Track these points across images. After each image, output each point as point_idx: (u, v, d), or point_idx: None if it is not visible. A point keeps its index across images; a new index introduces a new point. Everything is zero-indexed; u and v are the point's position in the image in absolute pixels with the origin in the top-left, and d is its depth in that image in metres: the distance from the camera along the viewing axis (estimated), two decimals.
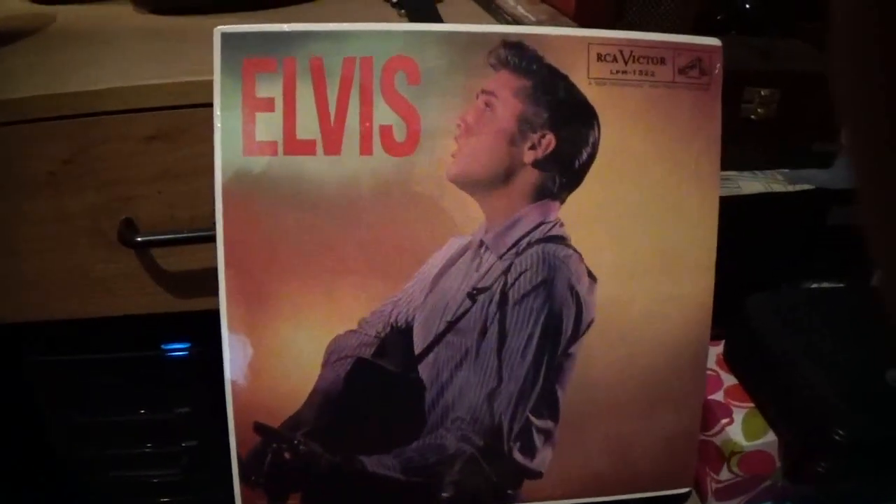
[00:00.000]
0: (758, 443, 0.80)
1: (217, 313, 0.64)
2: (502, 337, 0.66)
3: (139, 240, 0.72)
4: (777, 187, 0.85)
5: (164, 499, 0.94)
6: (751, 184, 0.84)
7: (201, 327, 0.72)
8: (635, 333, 0.68)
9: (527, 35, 0.64)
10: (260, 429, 0.65)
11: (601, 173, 0.65)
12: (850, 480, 0.76)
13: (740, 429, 0.81)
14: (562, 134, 0.64)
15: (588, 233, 0.66)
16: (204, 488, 0.92)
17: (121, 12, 0.93)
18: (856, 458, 0.73)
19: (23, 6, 0.98)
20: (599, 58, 0.65)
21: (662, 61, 0.67)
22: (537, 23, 0.78)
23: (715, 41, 0.68)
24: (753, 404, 0.83)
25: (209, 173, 0.62)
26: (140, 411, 0.89)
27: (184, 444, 0.91)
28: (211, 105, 0.62)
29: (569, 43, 0.65)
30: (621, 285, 0.67)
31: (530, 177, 0.65)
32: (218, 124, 0.62)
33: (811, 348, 0.79)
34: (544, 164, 0.65)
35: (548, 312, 0.66)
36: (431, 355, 0.65)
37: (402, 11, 0.83)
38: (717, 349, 0.88)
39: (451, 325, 0.65)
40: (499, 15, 0.83)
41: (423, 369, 0.66)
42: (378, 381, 0.66)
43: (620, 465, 0.71)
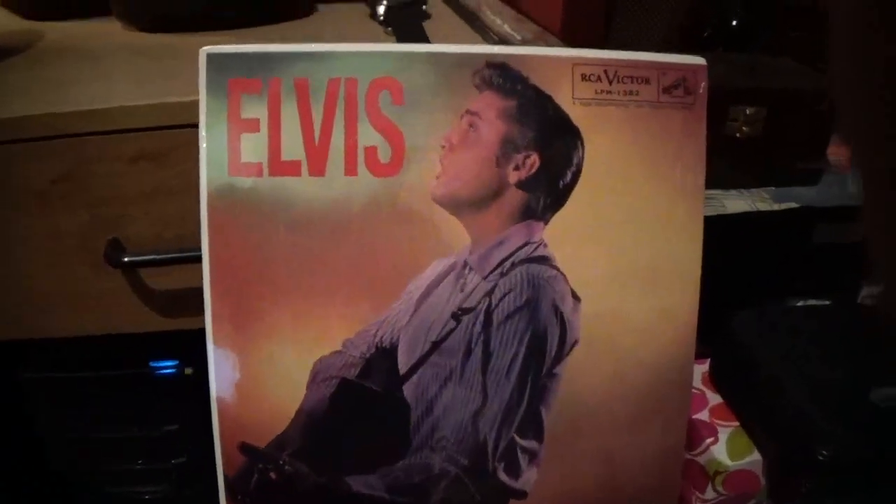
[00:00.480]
0: (743, 462, 0.80)
1: (205, 332, 0.64)
2: (487, 357, 0.66)
3: (126, 260, 0.72)
4: (762, 206, 0.85)
5: None
6: (736, 202, 0.84)
7: (190, 344, 0.73)
8: (620, 352, 0.68)
9: (511, 56, 0.64)
10: (246, 449, 0.65)
11: (585, 193, 0.66)
12: (833, 500, 0.76)
13: (725, 448, 0.81)
14: (546, 154, 0.65)
15: (572, 253, 0.66)
16: None
17: (109, 29, 0.93)
18: (839, 478, 0.73)
19: (12, 22, 0.98)
20: (584, 78, 0.65)
21: (647, 81, 0.67)
22: (522, 41, 0.79)
23: (699, 60, 0.69)
24: (738, 423, 0.83)
25: (196, 193, 0.62)
26: (131, 428, 0.89)
27: (173, 461, 0.91)
28: (197, 125, 0.62)
29: (553, 63, 0.65)
30: (606, 305, 0.67)
31: (514, 197, 0.65)
32: (203, 145, 0.62)
33: (796, 367, 0.79)
34: (528, 185, 0.65)
35: (532, 333, 0.66)
36: (416, 376, 0.66)
37: (389, 29, 0.84)
38: (702, 368, 0.88)
39: (436, 345, 0.65)
40: (485, 33, 0.84)
41: (408, 389, 0.66)
42: (363, 402, 0.66)
43: (605, 483, 0.71)
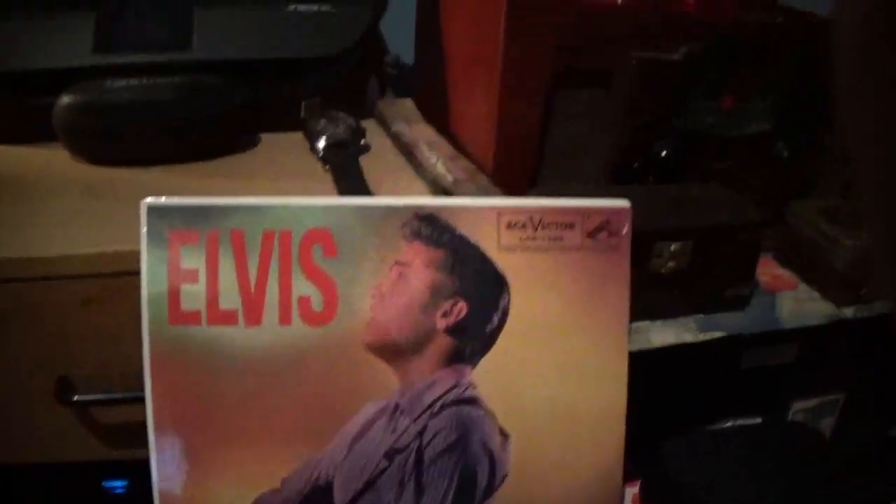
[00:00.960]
0: None
1: None
2: (419, 494, 0.68)
3: (76, 399, 0.75)
4: (688, 337, 0.87)
5: None
6: (662, 334, 0.86)
7: (142, 465, 0.75)
8: (548, 485, 0.71)
9: (438, 207, 0.68)
10: None
11: (512, 336, 0.68)
12: None
13: None
14: (473, 301, 0.68)
15: (501, 393, 0.69)
16: None
17: (58, 158, 0.95)
18: None
19: None
20: (509, 226, 0.68)
21: (571, 226, 0.70)
22: (454, 182, 0.82)
23: (624, 203, 0.72)
24: None
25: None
26: None
27: None
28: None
29: (480, 213, 0.68)
30: (534, 441, 0.70)
31: (443, 342, 0.68)
32: (145, 293, 0.65)
33: (723, 490, 0.81)
34: (456, 331, 0.68)
35: (462, 469, 0.68)
36: None
37: (328, 167, 0.87)
38: (633, 489, 0.90)
39: (370, 483, 0.68)
40: (421, 170, 0.87)
41: None
42: None
43: None
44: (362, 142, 0.95)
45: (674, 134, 0.98)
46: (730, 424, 0.97)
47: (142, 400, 0.67)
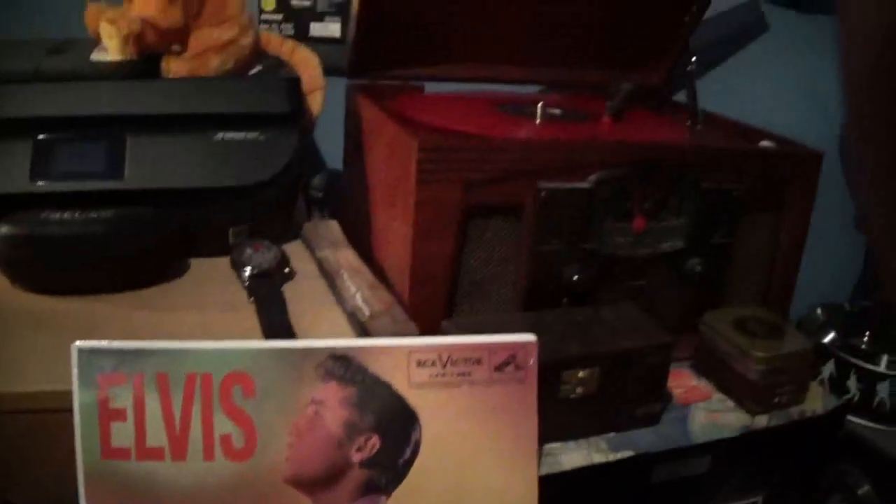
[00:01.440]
0: None
1: None
2: None
3: None
4: (598, 457, 0.90)
5: None
6: (572, 456, 0.89)
7: None
8: None
9: (351, 348, 0.72)
10: None
11: (424, 467, 0.73)
12: None
13: None
14: (386, 435, 0.72)
15: None
16: None
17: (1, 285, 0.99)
18: None
19: None
20: (419, 364, 0.73)
21: (479, 361, 0.74)
22: (370, 316, 0.86)
23: (529, 337, 0.76)
24: None
25: None
26: None
27: None
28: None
29: (391, 352, 0.73)
30: None
31: (358, 475, 0.72)
32: (78, 431, 0.69)
33: None
34: (371, 464, 0.72)
35: None
36: None
37: (252, 299, 0.91)
38: None
39: None
40: (342, 300, 0.92)
41: None
42: None
43: None
44: (287, 270, 0.99)
45: (585, 258, 1.02)
46: None
47: None
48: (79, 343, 0.69)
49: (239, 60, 1.13)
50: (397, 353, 0.73)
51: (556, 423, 0.86)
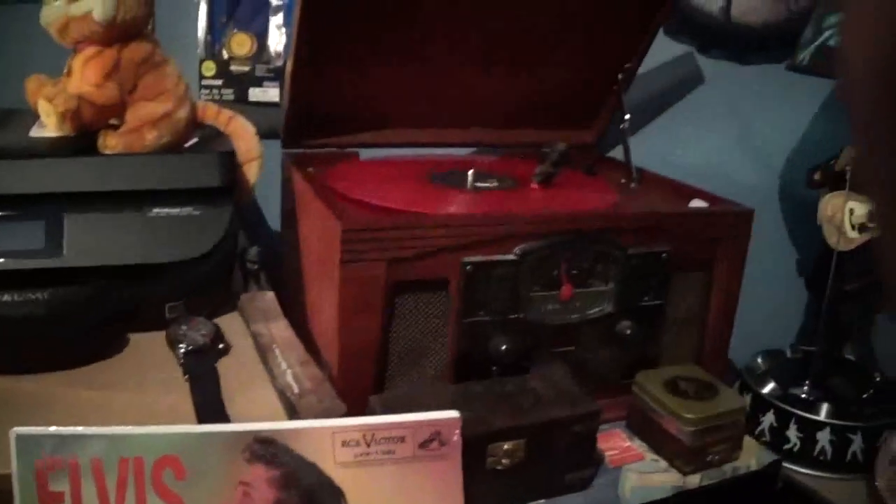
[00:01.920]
0: None
1: None
2: None
3: None
4: None
5: None
6: None
7: None
8: None
9: (277, 431, 0.75)
10: None
11: None
12: None
13: None
14: None
15: None
16: None
17: None
18: None
19: None
20: (344, 444, 0.76)
21: (402, 439, 0.78)
22: (299, 393, 0.89)
23: (453, 414, 0.80)
24: None
25: None
26: None
27: None
28: None
29: (315, 433, 0.76)
30: None
31: None
32: None
33: None
34: None
35: None
36: None
37: (186, 377, 0.93)
38: None
39: None
40: (273, 375, 0.94)
41: None
42: None
43: None
44: (221, 345, 1.01)
45: (514, 327, 1.05)
46: None
47: None
48: (17, 429, 0.72)
49: (175, 133, 1.14)
50: (321, 434, 0.76)
51: (485, 493, 0.88)
